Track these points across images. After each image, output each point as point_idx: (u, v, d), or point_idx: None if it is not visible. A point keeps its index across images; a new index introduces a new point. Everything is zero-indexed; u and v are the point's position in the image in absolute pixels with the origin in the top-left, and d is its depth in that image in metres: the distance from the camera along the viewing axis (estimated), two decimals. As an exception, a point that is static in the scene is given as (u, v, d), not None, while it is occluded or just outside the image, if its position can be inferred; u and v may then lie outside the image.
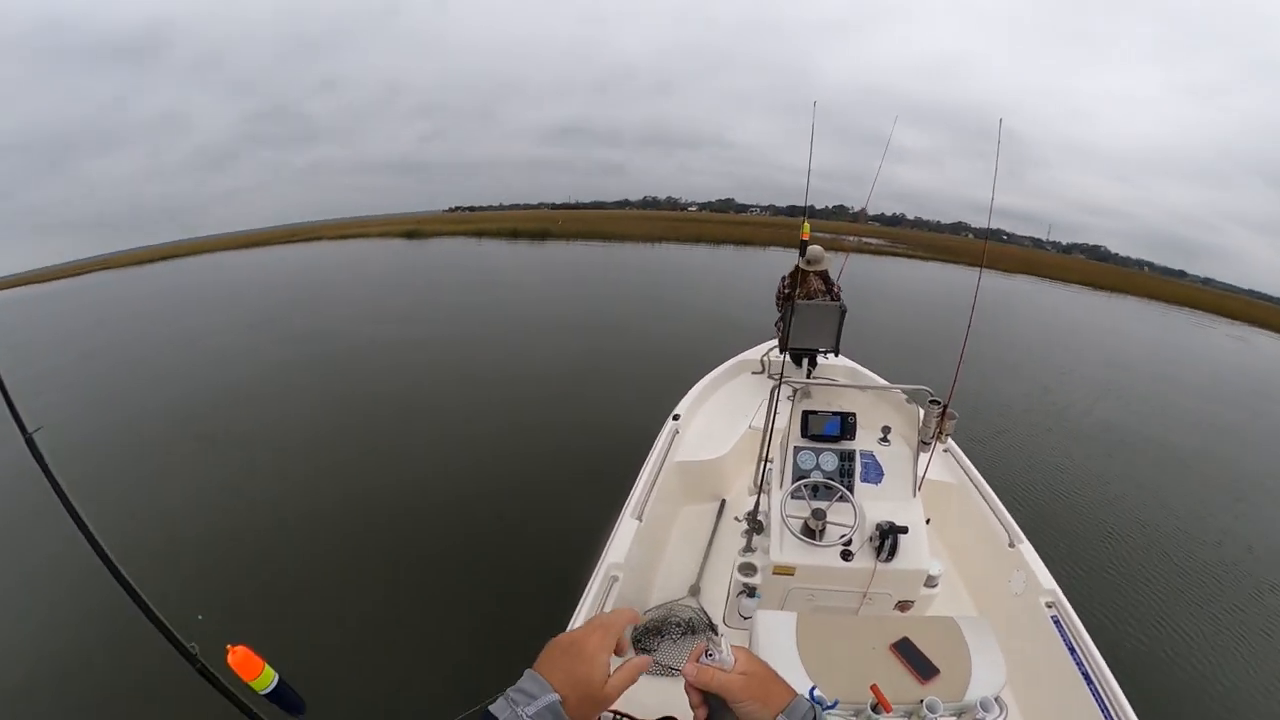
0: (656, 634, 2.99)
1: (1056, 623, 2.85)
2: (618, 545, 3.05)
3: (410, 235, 45.53)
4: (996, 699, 1.96)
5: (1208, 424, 11.08)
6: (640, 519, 3.28)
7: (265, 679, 1.65)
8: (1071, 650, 2.67)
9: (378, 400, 8.80)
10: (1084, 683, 2.53)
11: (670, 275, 24.49)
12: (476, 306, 15.45)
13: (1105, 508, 6.88)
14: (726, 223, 71.56)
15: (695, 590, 3.40)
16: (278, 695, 1.69)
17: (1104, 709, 2.40)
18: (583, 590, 2.79)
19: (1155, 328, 27.92)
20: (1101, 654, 2.63)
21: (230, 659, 1.59)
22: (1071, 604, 2.93)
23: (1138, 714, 2.35)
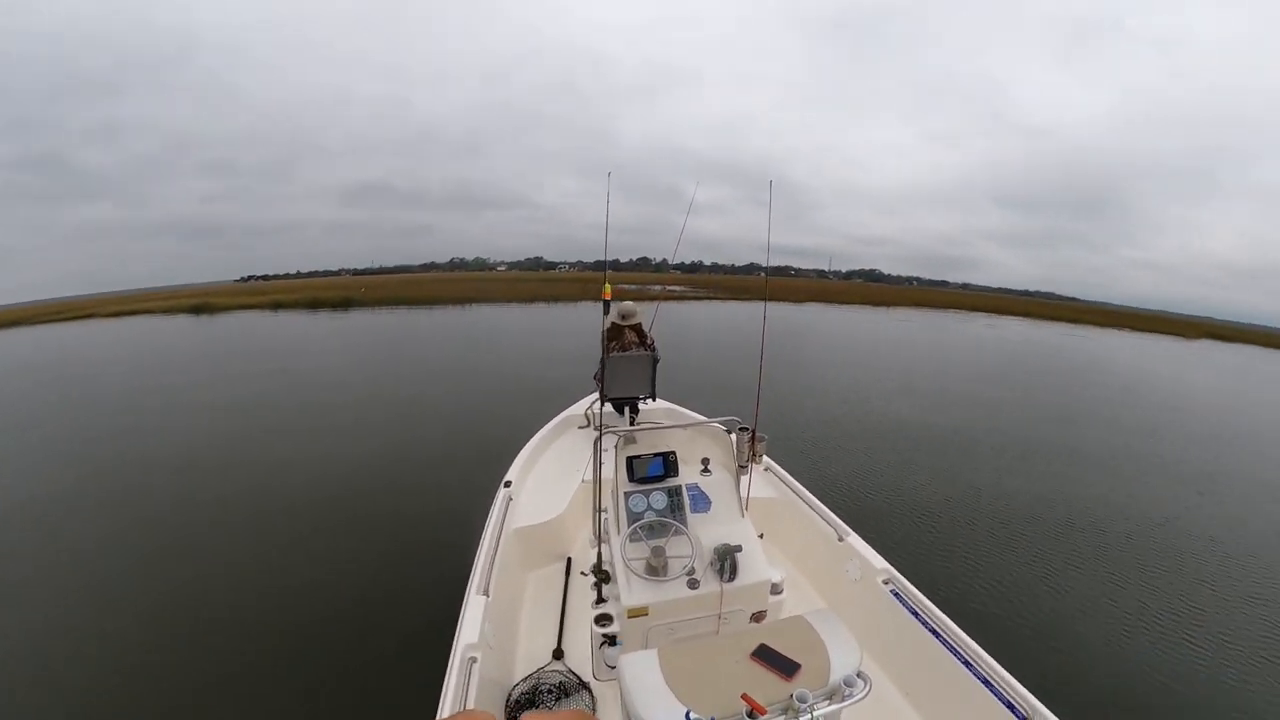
0: (530, 705, 2.92)
1: (896, 595, 3.24)
2: (469, 625, 2.95)
3: (198, 310, 40.76)
4: (858, 674, 2.15)
5: (981, 402, 13.48)
6: (487, 594, 3.19)
7: None
8: (915, 614, 3.07)
9: (180, 503, 7.55)
10: (934, 638, 2.91)
11: (483, 338, 24.02)
12: (270, 391, 13.55)
13: (915, 489, 7.97)
14: (537, 281, 72.35)
15: (559, 653, 3.35)
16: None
17: (955, 653, 2.79)
18: (443, 677, 2.68)
19: (928, 330, 33.55)
20: (943, 610, 3.04)
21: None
22: (906, 576, 3.35)
23: (986, 650, 2.76)
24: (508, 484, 4.51)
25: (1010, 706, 2.55)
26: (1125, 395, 17.17)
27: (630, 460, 3.35)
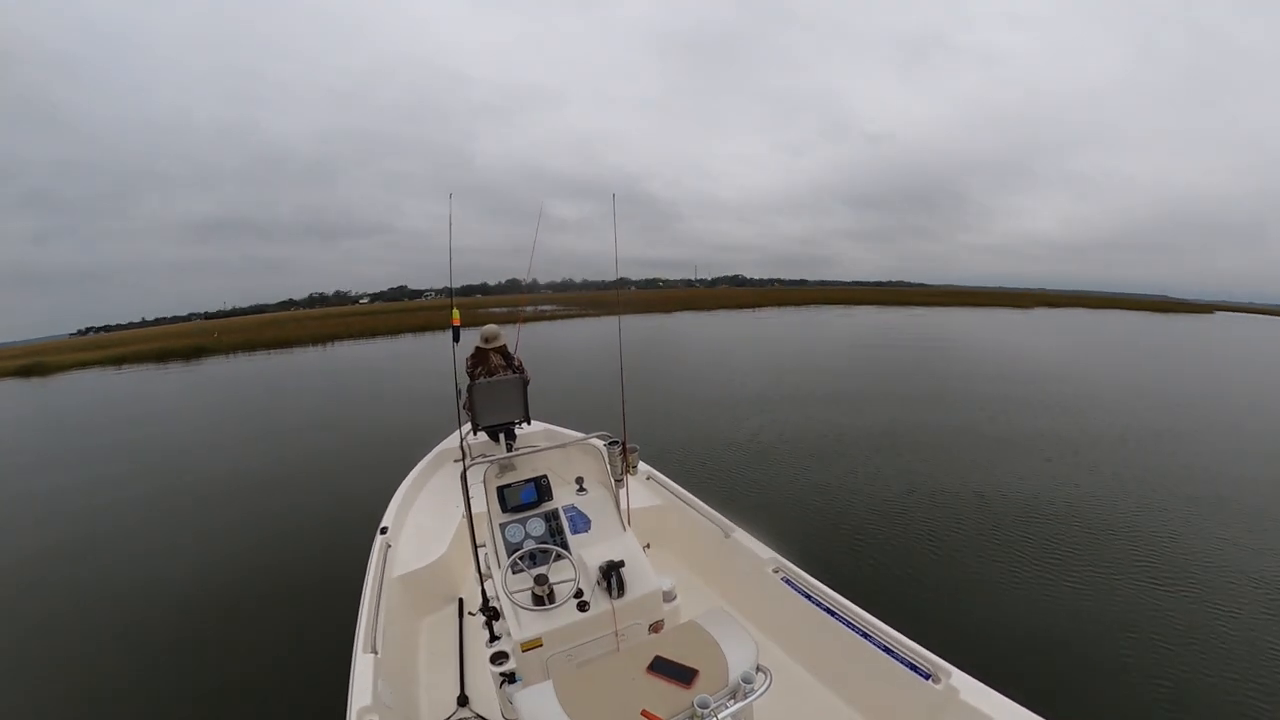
0: (442, 758, 2.79)
1: (788, 582, 3.37)
2: (359, 687, 2.79)
3: (28, 372, 35.75)
4: (758, 668, 2.20)
5: (830, 386, 14.56)
6: (375, 650, 3.04)
7: None
8: (809, 597, 3.20)
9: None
10: (830, 617, 3.05)
11: (349, 379, 22.77)
12: (110, 467, 11.91)
13: (791, 478, 8.39)
14: (401, 311, 69.51)
15: (464, 700, 3.24)
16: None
17: (853, 628, 2.94)
18: None
19: (788, 326, 35.63)
20: (835, 589, 3.19)
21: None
22: (794, 562, 3.49)
23: (883, 620, 2.92)
24: (384, 530, 4.32)
25: (913, 668, 2.72)
26: (981, 366, 19.01)
27: (501, 490, 3.29)
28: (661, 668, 2.24)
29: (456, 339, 4.51)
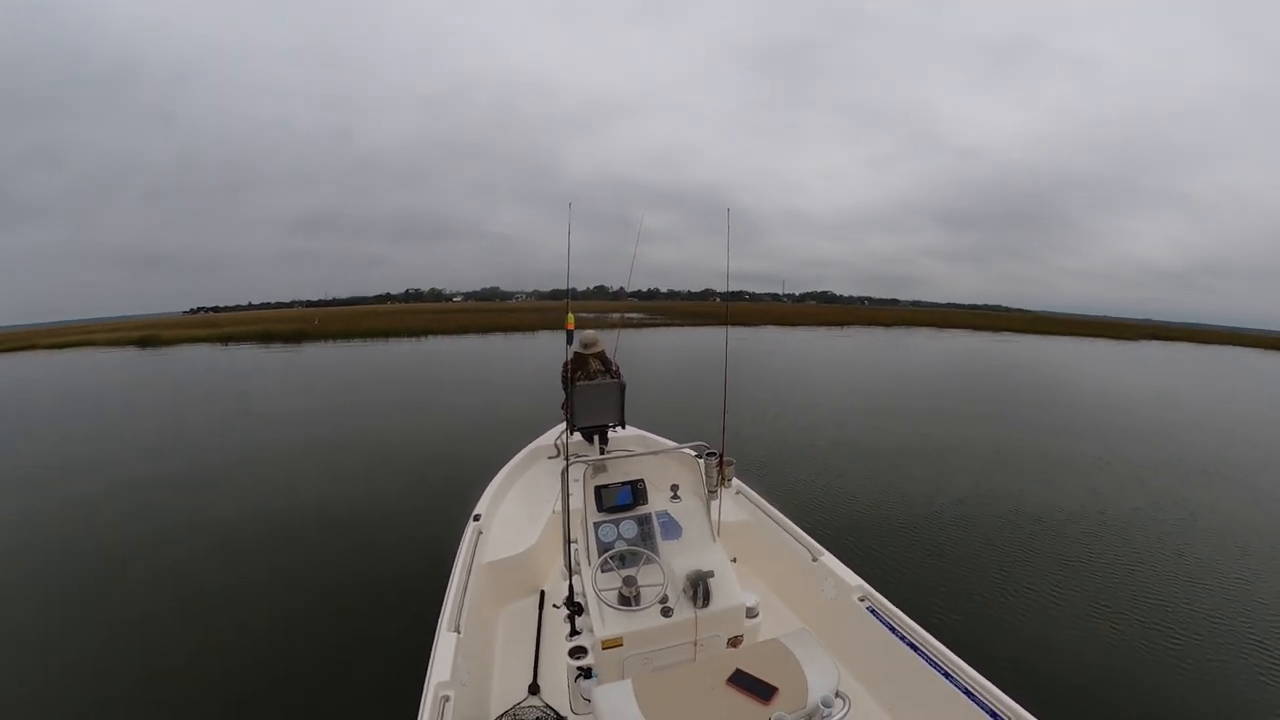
0: (507, 743, 2.88)
1: (872, 612, 3.27)
2: (440, 663, 2.89)
3: (144, 343, 39.26)
4: (837, 694, 2.16)
5: (945, 416, 13.96)
6: (459, 630, 3.14)
7: None
8: (893, 630, 3.10)
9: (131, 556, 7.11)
10: (913, 652, 2.94)
11: (444, 371, 23.71)
12: (219, 436, 12.71)
13: (886, 506, 8.07)
14: (493, 311, 71.89)
15: (535, 688, 3.31)
16: None
17: (935, 666, 2.83)
18: (415, 717, 2.62)
19: (884, 348, 34.50)
20: (920, 624, 3.08)
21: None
22: (881, 592, 3.39)
23: (966, 660, 2.80)
24: (477, 518, 4.46)
25: (993, 715, 2.60)
26: (1087, 399, 17.83)
27: (598, 489, 3.35)
28: (741, 681, 2.24)
29: (569, 341, 4.67)
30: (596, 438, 5.40)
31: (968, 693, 2.69)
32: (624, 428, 5.35)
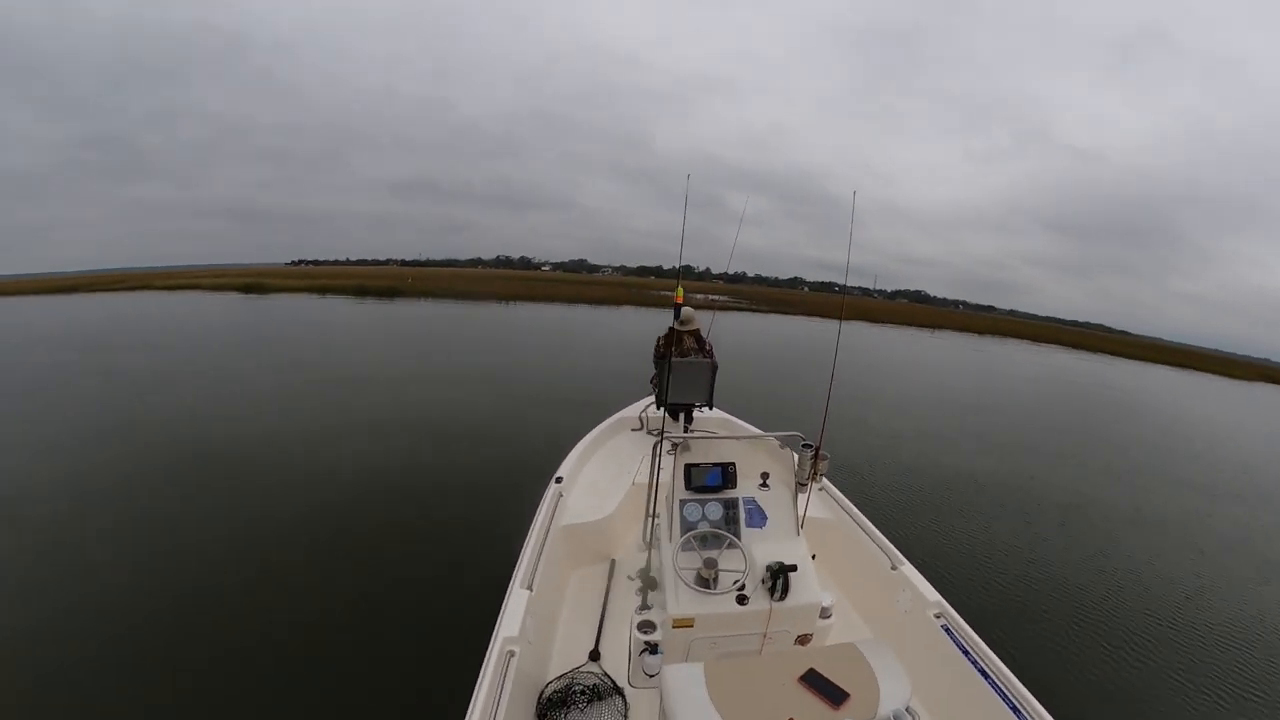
0: (562, 706, 2.88)
1: (947, 630, 3.10)
2: (510, 618, 2.92)
3: (248, 290, 42.31)
4: (907, 709, 2.08)
5: (1040, 440, 13.02)
6: (530, 588, 3.16)
7: None
8: (965, 653, 2.92)
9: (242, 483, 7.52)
10: (982, 679, 2.77)
11: (532, 335, 24.28)
12: (322, 379, 13.65)
13: (972, 524, 7.68)
14: (580, 283, 73.09)
15: (595, 655, 3.31)
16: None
17: (1004, 697, 2.65)
18: (480, 668, 2.66)
19: (971, 357, 32.76)
20: (994, 650, 2.90)
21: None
22: (958, 611, 3.20)
23: (1037, 697, 2.61)
24: (559, 480, 4.49)
25: None
26: (1193, 444, 16.37)
27: (689, 468, 3.30)
28: (814, 682, 2.18)
29: (678, 315, 4.62)
30: (682, 415, 5.35)
31: None
32: (710, 408, 5.28)
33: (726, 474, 3.32)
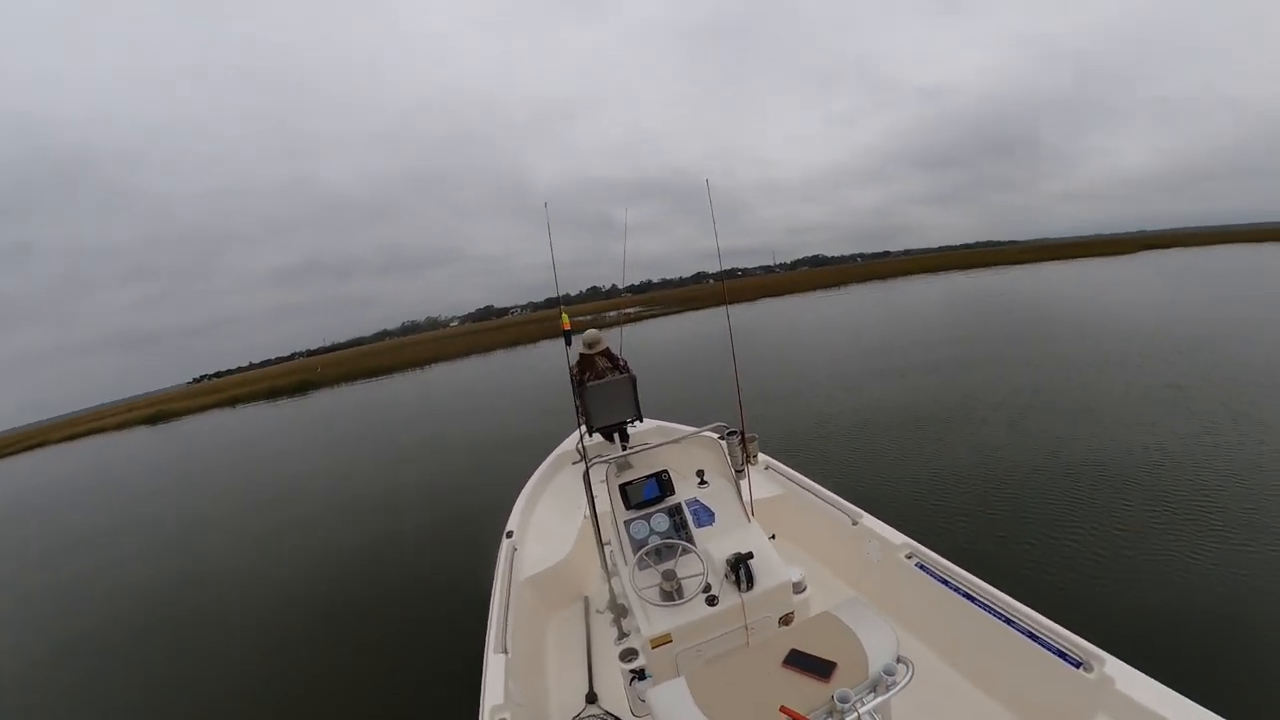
0: (571, 755, 2.82)
1: (922, 567, 3.19)
2: (491, 686, 2.84)
3: (154, 420, 40.03)
4: (898, 659, 2.09)
5: (955, 361, 13.78)
6: (506, 651, 3.09)
7: None
8: (945, 583, 3.02)
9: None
10: (969, 603, 2.86)
11: (454, 396, 23.75)
12: (239, 493, 13.15)
13: (917, 459, 7.98)
14: (491, 330, 72.10)
15: (592, 697, 3.25)
16: None
17: (994, 613, 2.74)
18: None
19: (875, 302, 34.33)
20: (971, 571, 2.99)
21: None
22: (928, 546, 3.30)
23: (1027, 604, 2.72)
24: (509, 534, 4.42)
25: (1062, 655, 2.52)
26: (1105, 325, 17.45)
27: (623, 487, 3.29)
28: (798, 661, 2.16)
29: (568, 343, 4.60)
30: (616, 435, 5.34)
31: (1031, 635, 2.62)
32: (642, 421, 5.30)
33: (662, 483, 3.32)
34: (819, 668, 2.11)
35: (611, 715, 3.04)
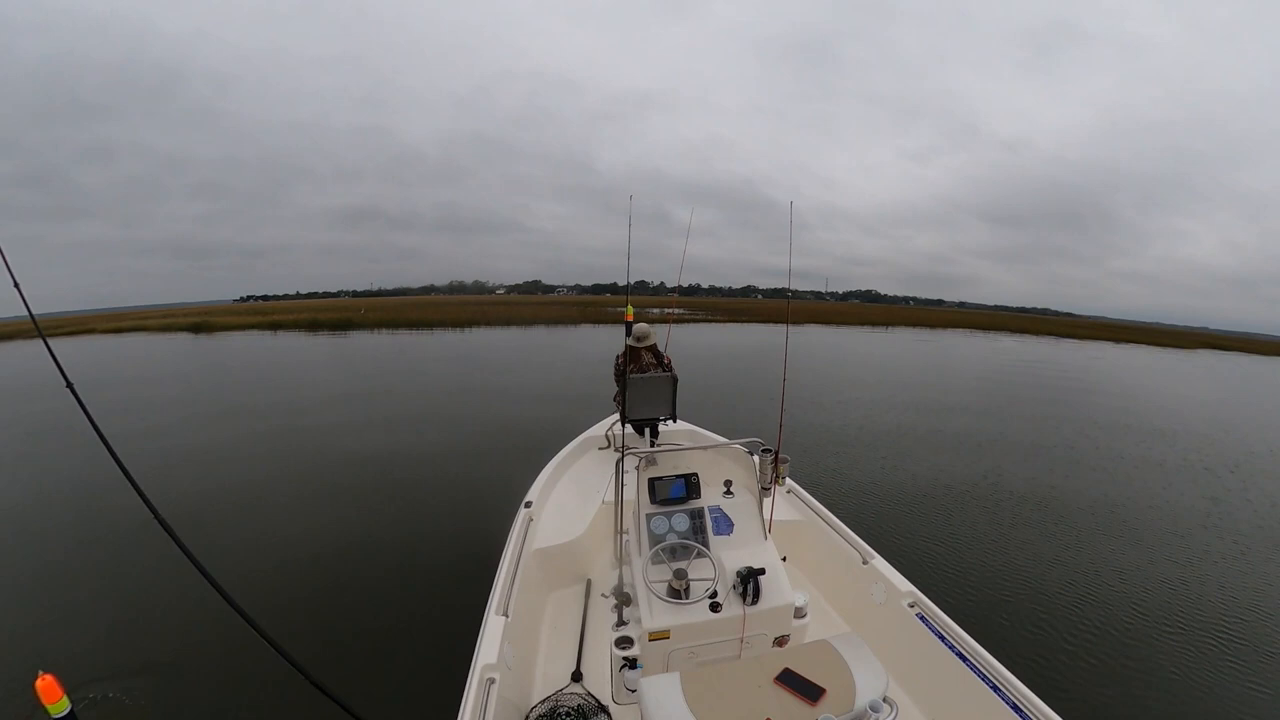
0: (546, 729, 2.90)
1: (922, 619, 3.19)
2: (487, 645, 2.92)
3: (197, 329, 41.11)
4: (885, 699, 2.15)
5: (1002, 423, 13.36)
6: (506, 614, 3.16)
7: (59, 708, 2.09)
8: (941, 638, 3.01)
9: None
10: (961, 662, 2.86)
11: (490, 359, 24.04)
12: (273, 417, 13.23)
13: (940, 512, 7.88)
14: (536, 304, 72.72)
15: (578, 676, 3.32)
16: (68, 725, 2.03)
17: (983, 678, 2.74)
18: (460, 697, 2.66)
19: (926, 351, 33.64)
20: (969, 633, 2.99)
21: (38, 683, 2.04)
22: (932, 599, 3.30)
23: (1016, 675, 2.70)
24: (528, 504, 4.50)
25: None
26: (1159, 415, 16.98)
27: (652, 482, 3.36)
28: (789, 680, 2.24)
29: (629, 333, 4.70)
30: (647, 430, 5.41)
31: (1015, 707, 2.61)
32: (675, 421, 5.36)
33: (690, 485, 3.39)
34: (808, 690, 2.19)
35: (593, 697, 3.10)
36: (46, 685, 2.08)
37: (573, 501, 4.84)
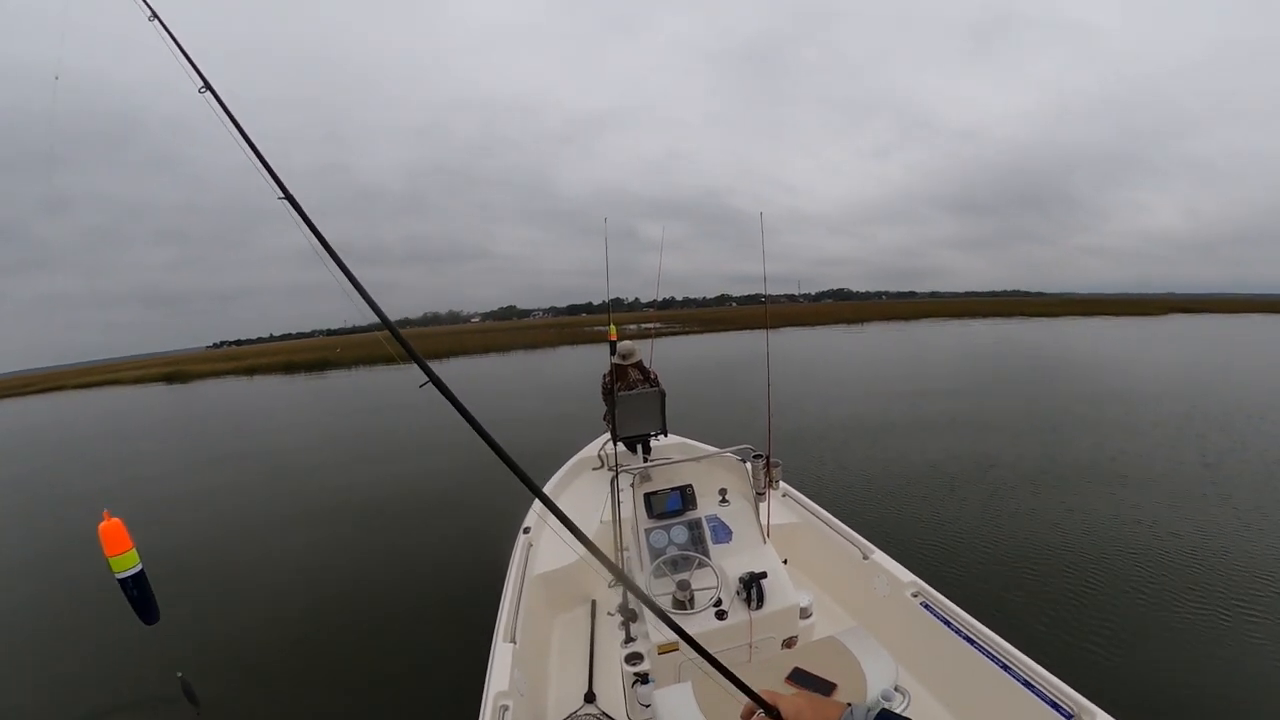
0: (566, 751, 2.91)
1: (927, 607, 3.24)
2: (498, 673, 2.91)
3: (170, 379, 40.79)
4: (896, 688, 2.21)
5: (982, 409, 13.69)
6: (514, 641, 3.17)
7: (126, 562, 1.70)
8: (948, 624, 3.07)
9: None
10: (969, 645, 2.92)
11: (473, 388, 23.94)
12: (252, 466, 13.08)
13: (934, 501, 7.98)
14: (513, 329, 72.52)
15: (591, 696, 3.32)
16: (134, 586, 1.67)
17: (992, 658, 2.79)
18: None
19: (901, 343, 34.18)
20: (976, 617, 3.04)
21: (101, 525, 1.66)
22: (935, 587, 3.36)
23: (1025, 652, 2.76)
24: (526, 530, 4.51)
25: (1054, 705, 2.56)
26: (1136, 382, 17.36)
27: (648, 496, 3.40)
28: (801, 678, 2.28)
29: (613, 352, 4.75)
30: (640, 447, 5.44)
31: (1026, 683, 2.68)
32: (666, 435, 5.40)
33: (685, 496, 3.43)
34: (820, 687, 2.24)
35: (608, 715, 3.12)
36: (111, 530, 1.69)
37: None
